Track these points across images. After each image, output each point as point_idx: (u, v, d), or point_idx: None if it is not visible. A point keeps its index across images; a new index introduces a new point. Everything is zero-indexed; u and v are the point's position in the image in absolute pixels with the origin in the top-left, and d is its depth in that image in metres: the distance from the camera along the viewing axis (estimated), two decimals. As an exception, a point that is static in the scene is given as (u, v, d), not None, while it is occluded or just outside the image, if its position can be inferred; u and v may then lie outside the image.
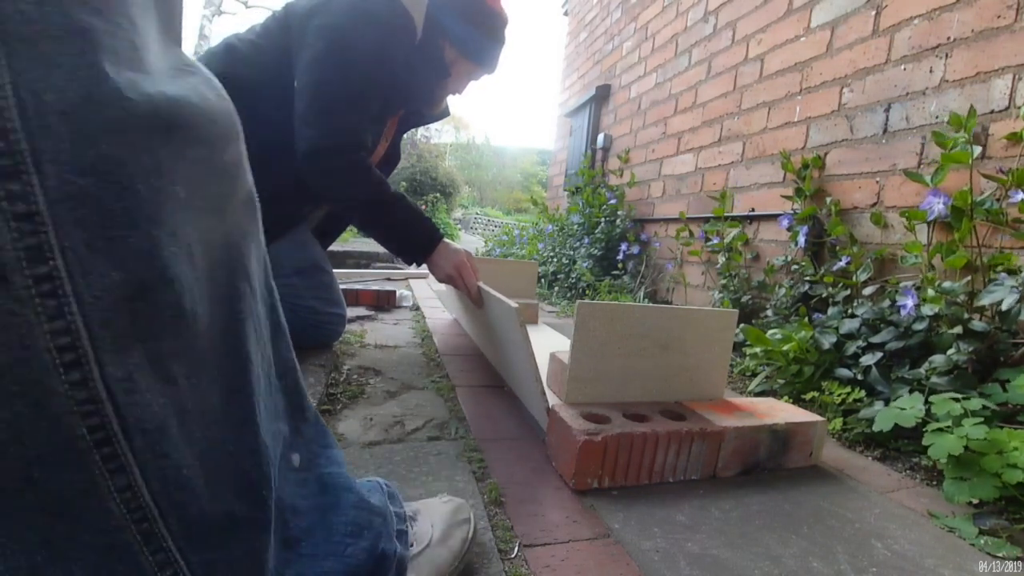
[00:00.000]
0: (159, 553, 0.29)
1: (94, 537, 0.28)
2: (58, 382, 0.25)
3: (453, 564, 0.54)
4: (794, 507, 0.78)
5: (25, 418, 0.25)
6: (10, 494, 0.25)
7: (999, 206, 1.07)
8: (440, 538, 0.54)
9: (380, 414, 1.01)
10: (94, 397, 0.26)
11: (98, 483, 0.27)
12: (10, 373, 0.24)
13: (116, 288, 0.26)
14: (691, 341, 0.96)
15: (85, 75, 0.23)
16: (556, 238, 3.41)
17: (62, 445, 0.26)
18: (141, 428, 0.28)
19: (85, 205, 0.24)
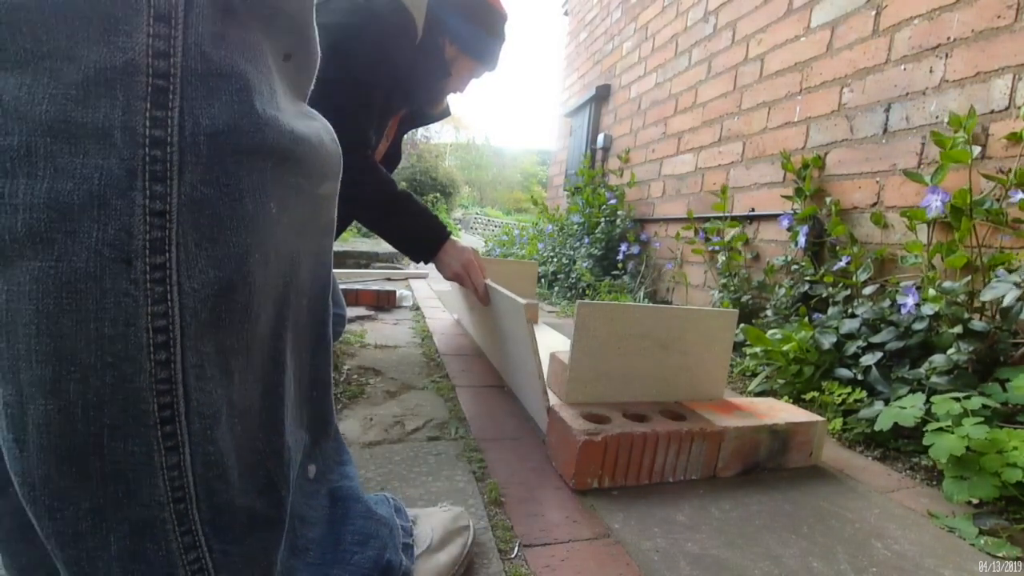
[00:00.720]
0: (187, 536, 0.31)
1: (137, 511, 0.29)
2: (147, 360, 0.28)
3: (453, 569, 0.54)
4: (794, 507, 0.78)
5: (110, 388, 0.27)
6: (79, 457, 0.27)
7: (999, 206, 1.07)
8: (439, 543, 0.55)
9: (380, 414, 1.01)
10: (171, 378, 0.29)
11: (153, 458, 0.29)
12: (110, 345, 0.27)
13: (210, 284, 0.29)
14: (691, 341, 0.96)
15: (237, 107, 0.28)
16: (556, 238, 3.41)
17: (134, 417, 0.28)
18: (200, 413, 0.30)
19: (203, 210, 0.28)
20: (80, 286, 0.26)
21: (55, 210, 0.25)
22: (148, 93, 0.26)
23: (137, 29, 0.25)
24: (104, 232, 0.26)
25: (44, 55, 0.24)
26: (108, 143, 0.25)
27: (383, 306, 2.13)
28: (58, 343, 0.26)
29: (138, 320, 0.27)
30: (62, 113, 0.24)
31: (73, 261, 0.25)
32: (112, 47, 0.25)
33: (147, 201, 0.26)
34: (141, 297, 0.27)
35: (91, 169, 0.25)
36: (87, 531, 0.29)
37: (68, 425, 0.27)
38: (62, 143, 0.25)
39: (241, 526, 0.34)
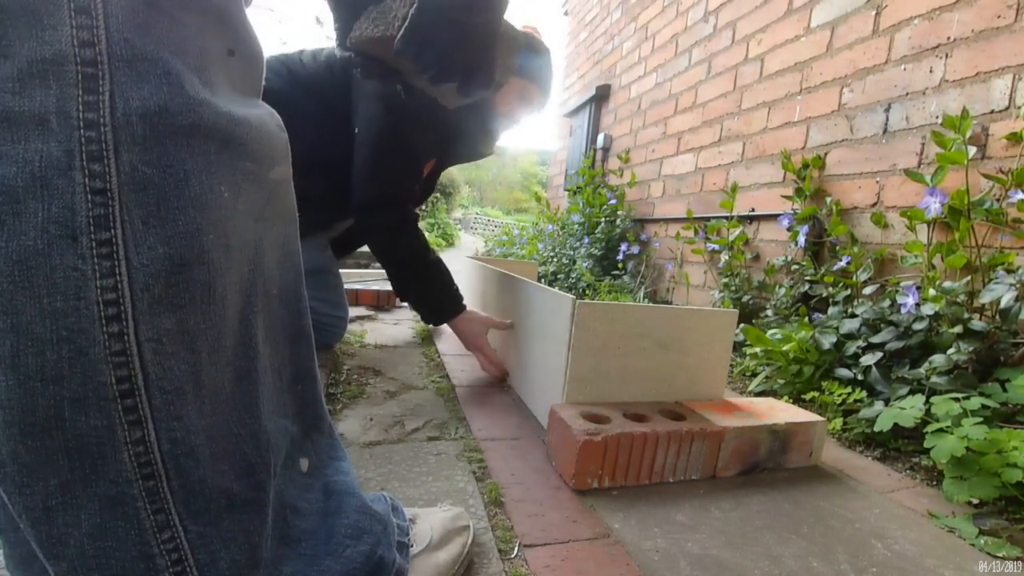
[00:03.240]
0: (160, 514, 0.32)
1: (105, 487, 0.30)
2: (100, 332, 0.29)
3: (452, 568, 0.54)
4: (794, 507, 0.78)
5: (67, 361, 0.28)
6: (42, 430, 0.28)
7: (999, 206, 1.07)
8: (439, 542, 0.55)
9: (380, 414, 1.01)
10: (126, 350, 0.29)
11: (116, 432, 0.30)
12: (63, 318, 0.28)
13: (160, 260, 0.30)
14: (691, 341, 0.96)
15: (167, 90, 0.30)
16: (556, 238, 3.41)
17: (93, 390, 0.29)
18: (161, 387, 0.31)
19: (147, 189, 0.30)
20: (31, 262, 0.27)
21: (2, 193, 0.26)
22: (79, 80, 0.27)
23: (61, 22, 0.27)
24: (48, 211, 0.27)
25: None
26: (46, 128, 0.27)
27: (383, 306, 2.13)
28: (14, 319, 0.27)
29: (88, 293, 0.28)
30: (0, 105, 0.26)
31: (22, 240, 0.27)
32: (40, 41, 0.26)
33: (87, 180, 0.28)
34: (89, 271, 0.28)
35: (32, 153, 0.27)
36: (57, 507, 0.29)
37: (29, 399, 0.28)
38: (3, 132, 0.26)
39: (218, 508, 0.34)
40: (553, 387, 0.94)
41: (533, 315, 1.09)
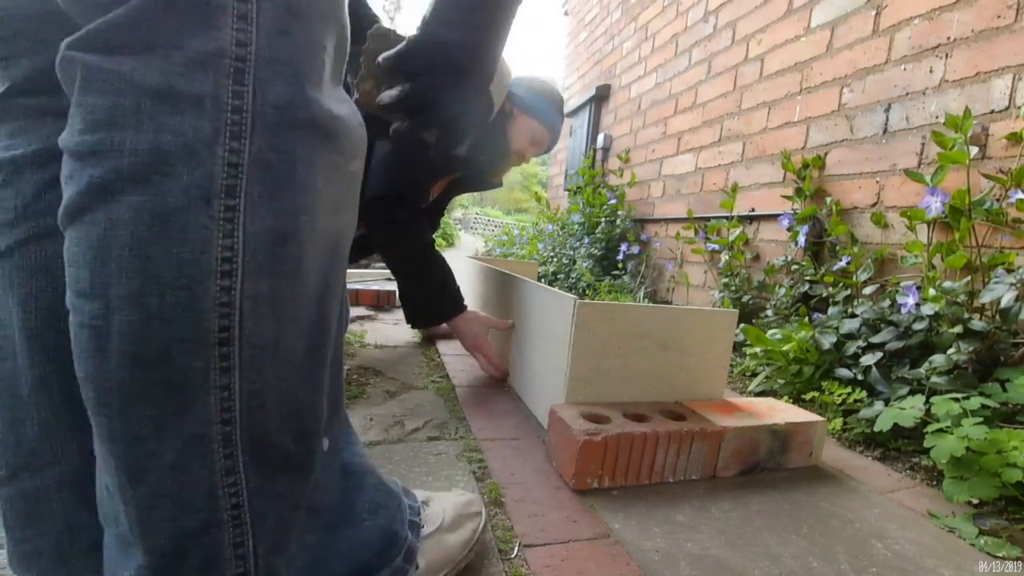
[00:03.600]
0: (229, 459, 0.35)
1: (190, 425, 0.33)
2: (213, 284, 0.33)
3: (463, 552, 0.55)
4: (794, 507, 0.78)
5: (182, 305, 0.32)
6: (150, 364, 0.32)
7: (999, 206, 1.07)
8: (451, 524, 0.56)
9: (380, 414, 1.01)
10: (231, 303, 0.33)
11: (209, 375, 0.33)
12: (187, 268, 0.32)
13: (268, 231, 0.34)
14: (691, 341, 0.96)
15: (292, 87, 0.35)
16: (556, 238, 3.41)
17: (198, 335, 0.33)
18: (251, 342, 0.35)
19: (267, 169, 0.34)
20: (169, 217, 0.32)
21: (156, 155, 0.31)
22: (231, 72, 0.33)
23: (225, 25, 0.32)
24: (192, 175, 0.32)
25: (158, 44, 0.31)
26: (201, 107, 0.32)
27: (383, 306, 2.13)
28: (145, 263, 0.31)
29: (211, 249, 0.33)
30: (167, 83, 0.31)
31: (166, 197, 0.32)
32: (207, 38, 0.32)
33: (226, 154, 0.33)
34: (215, 230, 0.33)
35: (187, 126, 0.32)
36: (147, 436, 0.33)
37: (145, 334, 0.32)
38: (165, 105, 0.31)
39: (275, 464, 0.37)
40: (553, 387, 0.94)
41: (533, 315, 1.09)
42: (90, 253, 0.32)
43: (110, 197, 0.31)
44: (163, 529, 0.34)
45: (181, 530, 0.34)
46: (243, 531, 0.36)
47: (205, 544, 0.35)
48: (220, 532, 0.35)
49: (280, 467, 0.38)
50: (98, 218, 0.31)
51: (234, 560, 0.36)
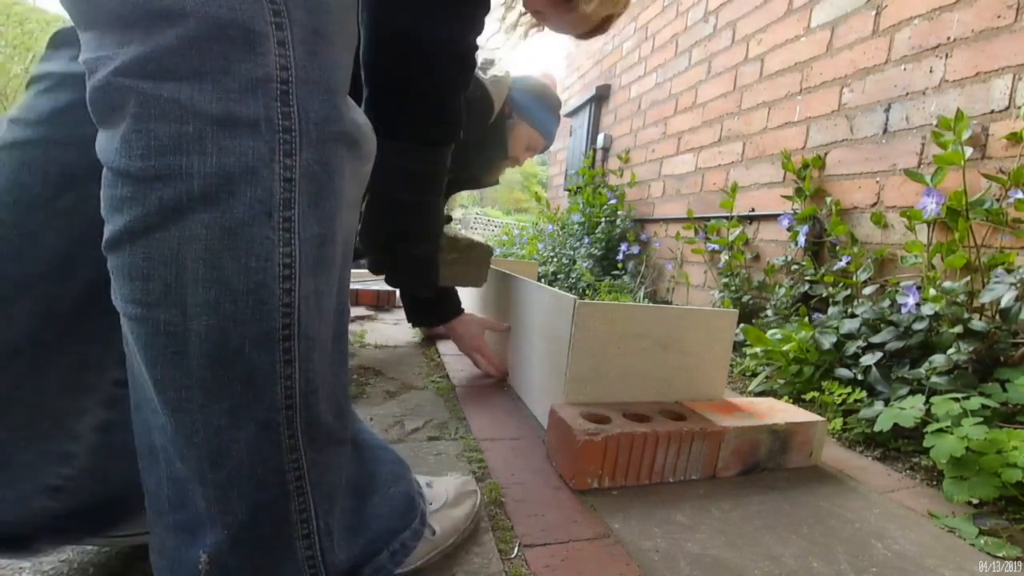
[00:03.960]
0: (292, 439, 0.40)
1: (261, 412, 0.38)
2: (277, 287, 0.37)
3: (466, 523, 0.63)
4: (794, 507, 0.78)
5: (251, 308, 0.36)
6: (227, 362, 0.36)
7: (999, 206, 1.07)
8: (453, 500, 0.64)
9: (380, 414, 1.01)
10: (292, 304, 0.38)
11: (276, 368, 0.38)
12: (255, 275, 0.36)
13: (315, 236, 0.39)
14: (691, 341, 0.96)
15: (328, 104, 0.39)
16: (556, 238, 3.41)
17: (265, 333, 0.37)
18: (307, 335, 0.39)
19: (313, 180, 0.38)
20: (238, 231, 0.35)
21: (222, 177, 0.34)
22: (278, 95, 0.36)
23: (268, 51, 0.35)
24: (255, 192, 0.35)
25: (208, 71, 0.34)
26: (256, 130, 0.35)
27: (383, 306, 2.13)
28: (219, 272, 0.35)
29: (273, 257, 0.37)
30: (226, 109, 0.34)
31: (234, 212, 0.35)
32: (254, 64, 0.35)
33: (281, 170, 0.36)
34: (276, 240, 0.37)
35: (246, 148, 0.35)
36: (226, 427, 0.37)
37: (223, 336, 0.36)
38: (226, 130, 0.34)
39: (324, 439, 0.43)
40: (553, 387, 0.94)
41: (533, 315, 1.09)
42: (163, 267, 0.35)
43: (181, 216, 0.34)
44: (241, 504, 0.39)
45: (256, 504, 0.39)
46: (305, 499, 0.41)
47: (276, 513, 0.40)
48: (288, 501, 0.40)
49: (327, 442, 0.43)
50: (170, 236, 0.34)
51: (300, 524, 0.41)
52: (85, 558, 0.55)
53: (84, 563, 0.55)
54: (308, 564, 0.42)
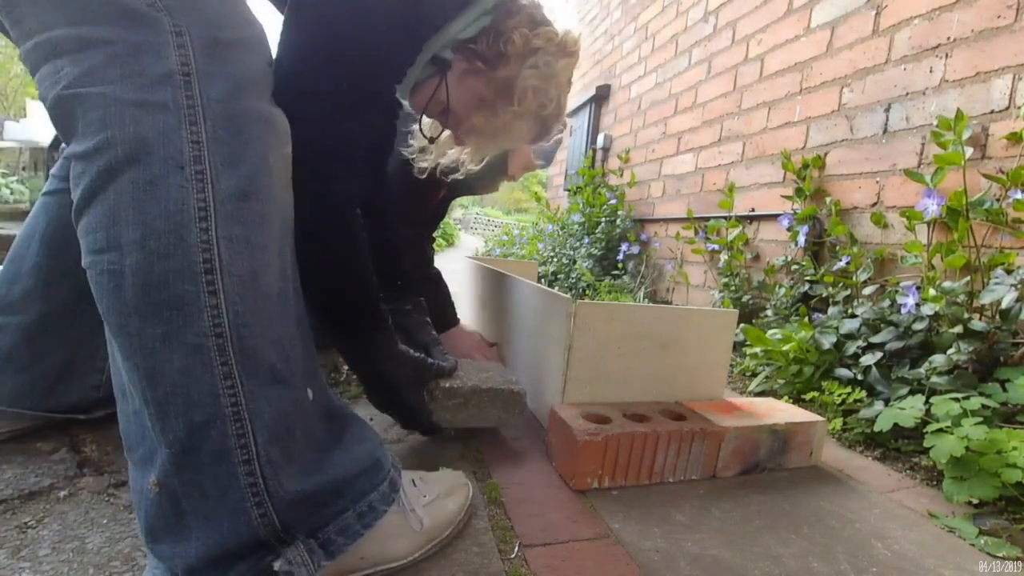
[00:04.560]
0: (225, 366, 0.45)
1: (191, 337, 0.44)
2: (195, 227, 0.45)
3: (459, 515, 0.65)
4: (794, 507, 0.78)
5: (173, 245, 0.44)
6: (156, 289, 0.44)
7: (999, 206, 1.07)
8: (447, 493, 0.66)
9: (380, 414, 1.01)
10: (210, 241, 0.45)
11: (200, 297, 0.45)
12: (173, 217, 0.44)
13: (233, 189, 0.47)
14: (691, 341, 0.96)
15: (228, 89, 0.49)
16: (556, 238, 3.41)
17: (187, 266, 0.44)
18: (231, 272, 0.46)
19: (223, 145, 0.47)
20: (156, 182, 0.44)
21: (140, 141, 0.44)
22: (182, 84, 0.46)
23: (171, 54, 0.46)
24: (167, 151, 0.45)
25: (127, 75, 0.44)
26: (166, 109, 0.45)
27: (383, 306, 2.12)
28: (144, 216, 0.44)
29: (189, 202, 0.45)
30: (141, 96, 0.45)
31: (152, 168, 0.44)
32: (161, 65, 0.45)
33: (189, 135, 0.46)
34: (190, 188, 0.45)
35: (157, 120, 0.45)
36: (160, 348, 0.44)
37: (149, 268, 0.43)
38: (142, 111, 0.44)
39: (265, 376, 0.48)
40: (553, 387, 0.94)
41: (533, 316, 1.09)
42: (104, 219, 0.44)
43: (113, 177, 0.44)
44: (178, 424, 0.44)
45: (192, 424, 0.44)
46: (243, 425, 0.46)
47: (214, 436, 0.45)
48: (224, 425, 0.45)
49: (269, 380, 0.48)
50: (108, 194, 0.44)
51: (239, 449, 0.45)
52: (85, 558, 0.55)
53: (84, 563, 0.55)
54: (252, 491, 0.46)
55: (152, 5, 0.45)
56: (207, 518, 0.45)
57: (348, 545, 0.52)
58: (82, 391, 0.80)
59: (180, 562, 0.45)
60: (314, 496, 0.51)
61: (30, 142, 4.31)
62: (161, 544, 0.46)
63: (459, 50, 0.83)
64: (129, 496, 0.67)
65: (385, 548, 0.56)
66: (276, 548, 0.47)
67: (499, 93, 0.85)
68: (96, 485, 0.69)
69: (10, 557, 0.55)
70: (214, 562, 0.45)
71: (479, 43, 0.82)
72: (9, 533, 0.58)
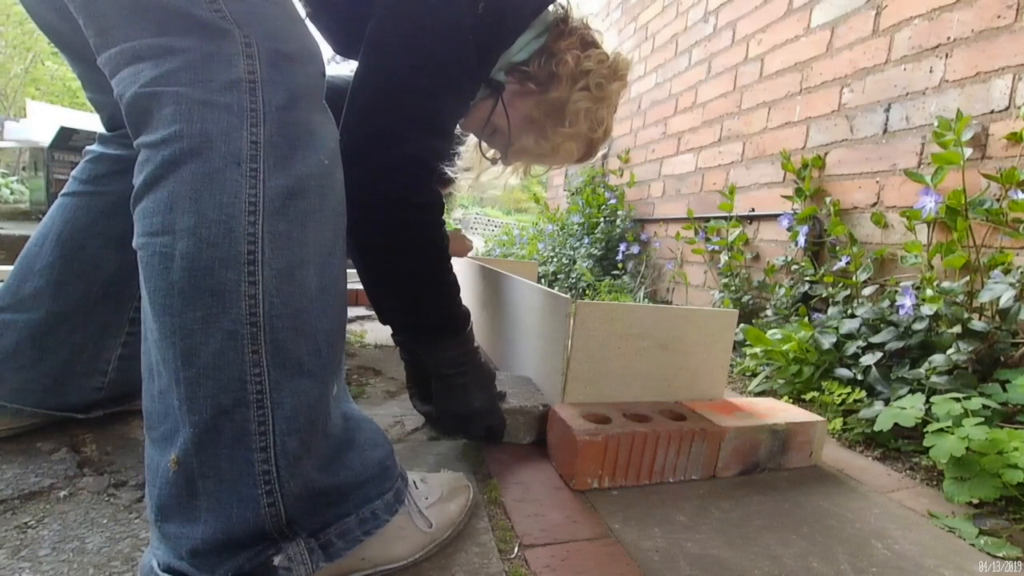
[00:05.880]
0: (255, 354, 0.47)
1: (227, 323, 0.46)
2: (244, 218, 0.47)
3: (460, 516, 0.66)
4: (794, 507, 0.78)
5: (222, 234, 0.46)
6: (201, 275, 0.46)
7: (999, 206, 1.07)
8: (448, 495, 0.66)
9: (380, 414, 1.01)
10: (256, 233, 0.48)
11: (240, 286, 0.47)
12: (225, 208, 0.47)
13: (282, 188, 0.50)
14: (691, 341, 0.96)
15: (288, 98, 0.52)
16: (556, 238, 3.41)
17: (232, 256, 0.47)
18: (271, 265, 0.48)
19: (277, 147, 0.50)
20: (214, 175, 0.47)
21: (204, 136, 0.47)
22: (248, 89, 0.49)
23: (240, 63, 0.49)
24: (227, 148, 0.48)
25: (199, 79, 0.48)
26: (231, 111, 0.48)
27: (383, 306, 2.12)
28: (199, 205, 0.46)
29: (241, 195, 0.47)
30: (210, 97, 0.48)
31: (212, 162, 0.47)
32: (231, 72, 0.49)
33: (249, 136, 0.49)
34: (244, 183, 0.48)
35: (222, 119, 0.48)
36: (197, 330, 0.46)
37: (198, 253, 0.46)
38: (209, 110, 0.48)
39: (292, 368, 0.49)
40: (553, 387, 0.94)
41: (533, 316, 1.09)
42: (163, 205, 0.47)
43: (176, 167, 0.47)
44: (206, 405, 0.46)
45: (219, 406, 0.46)
46: (264, 413, 0.47)
47: (236, 420, 0.46)
48: (247, 410, 0.47)
49: (296, 372, 0.50)
50: (168, 182, 0.47)
51: (257, 435, 0.47)
52: (85, 558, 0.55)
53: (84, 563, 0.55)
54: (264, 479, 0.47)
55: (224, 19, 0.49)
56: (219, 501, 0.46)
57: (347, 550, 0.53)
58: (83, 392, 0.81)
59: (186, 542, 0.46)
60: (322, 494, 0.52)
61: (30, 142, 4.31)
62: (170, 523, 0.47)
63: (511, 71, 0.86)
64: (129, 496, 0.67)
65: (387, 549, 0.56)
66: (278, 543, 0.48)
67: (550, 114, 0.88)
68: (96, 485, 0.69)
69: (10, 557, 0.55)
70: (218, 547, 0.46)
71: (531, 64, 0.85)
72: (9, 533, 0.58)
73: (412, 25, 0.71)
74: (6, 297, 0.77)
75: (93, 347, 0.81)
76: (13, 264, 0.80)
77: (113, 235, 0.79)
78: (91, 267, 0.79)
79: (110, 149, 0.81)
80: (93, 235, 0.79)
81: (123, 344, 0.83)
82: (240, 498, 0.47)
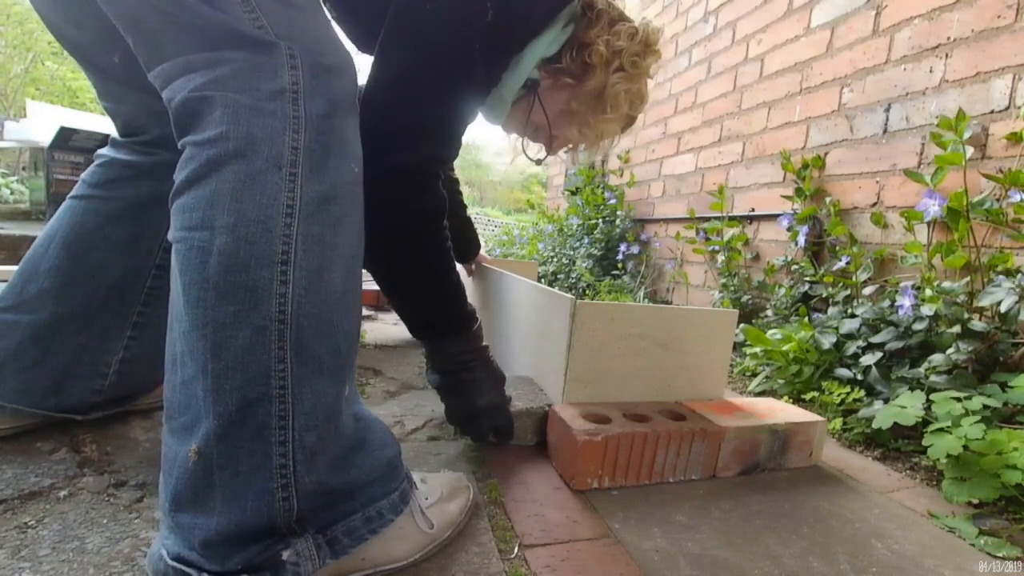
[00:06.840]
0: (280, 350, 0.49)
1: (257, 319, 0.48)
2: (281, 219, 0.49)
3: (460, 517, 0.66)
4: (794, 507, 0.78)
5: (259, 233, 0.48)
6: (236, 271, 0.47)
7: (999, 206, 1.07)
8: (448, 495, 0.67)
9: (380, 414, 1.01)
10: (291, 236, 0.50)
11: (272, 285, 0.48)
12: (264, 209, 0.49)
13: (317, 192, 0.52)
14: (691, 341, 0.96)
15: (327, 107, 0.55)
16: (556, 238, 3.41)
17: (267, 255, 0.48)
18: (302, 266, 0.50)
19: (314, 153, 0.53)
20: (256, 176, 0.49)
21: (249, 139, 0.49)
22: (291, 99, 0.52)
23: (284, 74, 0.52)
24: (270, 151, 0.50)
25: (247, 87, 0.51)
26: (275, 117, 0.51)
27: (383, 306, 2.13)
28: (239, 204, 0.48)
29: (279, 197, 0.50)
30: (256, 104, 0.50)
31: (255, 164, 0.49)
32: (275, 82, 0.52)
33: (290, 141, 0.51)
34: (283, 186, 0.50)
35: (266, 124, 0.50)
36: (229, 324, 0.47)
37: (236, 250, 0.48)
38: (255, 115, 0.50)
39: (313, 366, 0.51)
40: (553, 387, 0.94)
41: (532, 315, 1.09)
42: (203, 202, 0.49)
43: (220, 167, 0.49)
44: (232, 397, 0.47)
45: (244, 399, 0.47)
46: (286, 408, 0.49)
47: (259, 413, 0.48)
48: (270, 405, 0.48)
49: (316, 370, 0.51)
50: (211, 180, 0.49)
51: (277, 429, 0.48)
52: (85, 558, 0.56)
53: (84, 563, 0.55)
54: (280, 473, 0.48)
55: (267, 33, 0.52)
56: (234, 493, 0.47)
57: (352, 547, 0.54)
58: (83, 394, 0.81)
59: (199, 533, 0.47)
60: (332, 492, 0.53)
61: (30, 142, 4.31)
62: (183, 513, 0.48)
63: (543, 67, 0.87)
64: (129, 496, 0.67)
65: (388, 549, 0.57)
66: (287, 538, 0.49)
67: (589, 103, 0.89)
68: (96, 485, 0.69)
69: (10, 557, 0.55)
70: (230, 539, 0.47)
71: (563, 58, 0.86)
72: (9, 533, 0.58)
73: (419, 33, 0.72)
74: (10, 298, 0.77)
75: (95, 350, 0.81)
76: (13, 264, 0.80)
77: (120, 240, 0.80)
78: (97, 270, 0.79)
79: (122, 154, 0.81)
80: (100, 239, 0.79)
81: (124, 348, 0.83)
82: (256, 491, 0.47)
